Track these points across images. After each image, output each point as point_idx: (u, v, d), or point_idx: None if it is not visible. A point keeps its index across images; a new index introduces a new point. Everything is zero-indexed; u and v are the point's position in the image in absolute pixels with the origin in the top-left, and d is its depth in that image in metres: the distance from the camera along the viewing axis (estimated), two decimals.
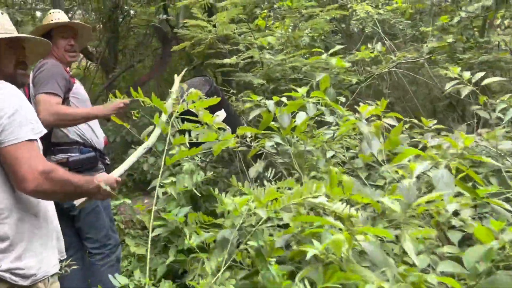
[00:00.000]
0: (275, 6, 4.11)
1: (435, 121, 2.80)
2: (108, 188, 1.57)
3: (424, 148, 2.53)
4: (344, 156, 2.67)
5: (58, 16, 2.65)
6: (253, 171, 2.23)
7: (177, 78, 2.79)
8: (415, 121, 2.93)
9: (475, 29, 3.87)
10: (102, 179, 1.63)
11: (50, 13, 2.68)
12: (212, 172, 3.26)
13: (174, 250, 2.97)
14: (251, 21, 3.86)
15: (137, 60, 7.83)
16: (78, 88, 2.72)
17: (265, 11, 3.89)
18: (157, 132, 1.83)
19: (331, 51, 2.56)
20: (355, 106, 2.29)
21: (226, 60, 3.36)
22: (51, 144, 2.51)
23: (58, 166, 1.50)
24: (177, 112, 1.89)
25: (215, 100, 1.96)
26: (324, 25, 3.86)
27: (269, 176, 1.90)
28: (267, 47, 3.55)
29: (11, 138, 1.38)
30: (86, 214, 2.59)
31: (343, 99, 2.28)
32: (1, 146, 1.38)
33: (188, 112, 1.90)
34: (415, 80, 4.67)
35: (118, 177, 1.73)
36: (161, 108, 1.84)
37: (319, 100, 2.18)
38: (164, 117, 1.73)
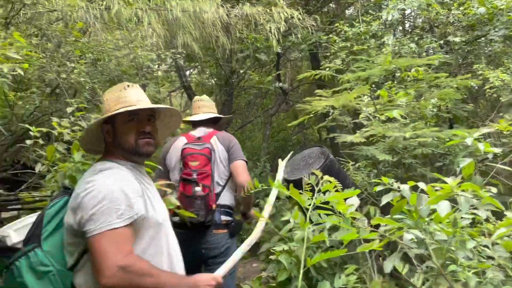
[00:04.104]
0: (397, 75, 3.99)
1: None
2: None
3: None
4: (487, 247, 2.36)
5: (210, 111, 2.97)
6: (388, 266, 2.04)
7: (281, 163, 2.78)
8: None
9: None
10: (201, 279, 1.52)
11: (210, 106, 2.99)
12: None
13: None
14: (374, 91, 3.77)
15: (248, 121, 8.18)
16: None
17: (390, 82, 3.77)
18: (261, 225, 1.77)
19: (475, 135, 2.32)
20: None
21: (349, 138, 3.27)
22: (218, 206, 2.67)
23: (139, 259, 1.41)
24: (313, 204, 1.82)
25: (354, 192, 1.86)
26: (453, 95, 3.61)
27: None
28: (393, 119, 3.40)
29: (91, 229, 1.35)
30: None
31: (494, 190, 2.02)
32: (86, 237, 1.36)
33: None
34: None
35: (220, 277, 1.61)
36: (299, 201, 1.79)
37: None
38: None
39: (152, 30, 4.94)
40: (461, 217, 2.45)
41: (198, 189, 2.53)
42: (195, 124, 2.89)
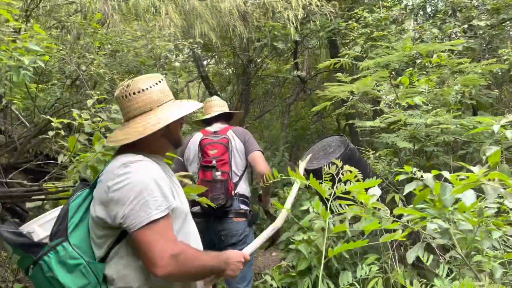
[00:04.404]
0: (418, 61, 3.88)
1: None
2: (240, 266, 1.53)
3: None
4: None
5: (223, 109, 3.05)
6: (411, 256, 2.01)
7: (301, 164, 2.82)
8: None
9: None
10: (232, 255, 1.58)
11: (222, 105, 3.08)
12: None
13: None
14: (394, 78, 3.69)
15: (266, 110, 8.15)
16: None
17: (411, 69, 3.68)
18: (284, 214, 1.77)
19: (502, 121, 2.25)
20: None
21: (368, 123, 3.22)
22: (236, 194, 2.75)
23: (186, 245, 1.45)
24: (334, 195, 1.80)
25: (375, 182, 1.83)
26: (477, 81, 3.50)
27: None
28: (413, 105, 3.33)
29: (134, 223, 1.35)
30: None
31: None
32: (129, 232, 1.37)
33: None
34: None
35: (248, 255, 1.66)
36: (320, 190, 1.77)
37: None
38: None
39: (169, 20, 4.94)
40: (485, 207, 2.40)
41: (218, 173, 2.62)
42: (210, 122, 2.99)
